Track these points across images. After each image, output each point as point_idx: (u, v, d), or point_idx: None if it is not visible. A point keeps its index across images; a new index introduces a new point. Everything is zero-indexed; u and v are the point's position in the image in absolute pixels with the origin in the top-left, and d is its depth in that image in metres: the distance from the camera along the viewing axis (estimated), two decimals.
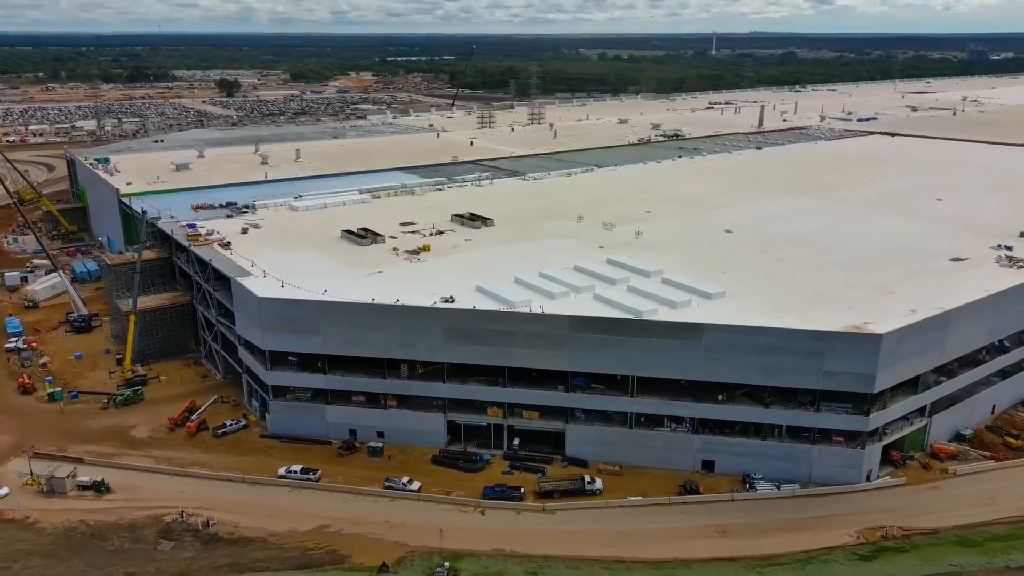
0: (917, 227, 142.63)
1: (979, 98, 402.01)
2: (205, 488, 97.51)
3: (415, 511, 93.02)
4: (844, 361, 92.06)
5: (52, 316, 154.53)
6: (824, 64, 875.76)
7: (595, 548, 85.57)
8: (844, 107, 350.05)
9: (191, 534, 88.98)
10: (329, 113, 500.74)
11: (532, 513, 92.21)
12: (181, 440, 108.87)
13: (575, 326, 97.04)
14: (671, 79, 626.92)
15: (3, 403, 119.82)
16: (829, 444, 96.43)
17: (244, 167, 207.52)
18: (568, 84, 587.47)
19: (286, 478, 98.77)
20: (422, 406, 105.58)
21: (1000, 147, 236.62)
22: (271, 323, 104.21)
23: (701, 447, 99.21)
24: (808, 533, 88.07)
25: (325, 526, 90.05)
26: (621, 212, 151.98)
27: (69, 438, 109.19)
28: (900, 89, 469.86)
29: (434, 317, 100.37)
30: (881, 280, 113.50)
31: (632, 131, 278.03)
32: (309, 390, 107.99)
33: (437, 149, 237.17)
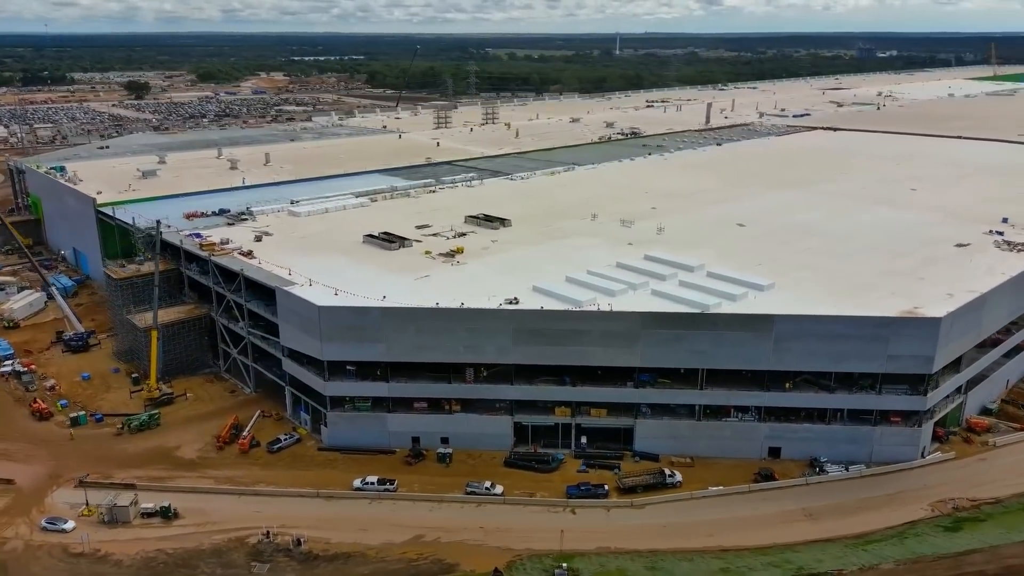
0: (908, 217, 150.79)
1: (892, 93, 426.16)
2: (279, 506, 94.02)
3: (505, 515, 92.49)
4: (906, 345, 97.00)
5: (39, 336, 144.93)
6: (728, 63, 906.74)
7: (696, 539, 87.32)
8: (776, 104, 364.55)
9: (283, 554, 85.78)
10: (255, 115, 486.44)
11: (621, 509, 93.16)
12: (234, 458, 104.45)
13: (647, 322, 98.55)
14: (592, 78, 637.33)
15: (21, 431, 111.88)
16: (888, 425, 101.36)
17: (214, 172, 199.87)
18: (492, 84, 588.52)
19: (363, 490, 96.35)
20: (487, 409, 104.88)
21: (942, 139, 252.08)
22: (331, 332, 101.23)
23: (768, 434, 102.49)
24: (887, 510, 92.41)
25: (420, 536, 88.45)
26: (626, 209, 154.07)
27: (108, 464, 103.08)
28: (816, 86, 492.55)
29: (503, 319, 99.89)
30: (904, 267, 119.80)
31: (588, 130, 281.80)
32: (368, 399, 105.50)
33: (406, 151, 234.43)
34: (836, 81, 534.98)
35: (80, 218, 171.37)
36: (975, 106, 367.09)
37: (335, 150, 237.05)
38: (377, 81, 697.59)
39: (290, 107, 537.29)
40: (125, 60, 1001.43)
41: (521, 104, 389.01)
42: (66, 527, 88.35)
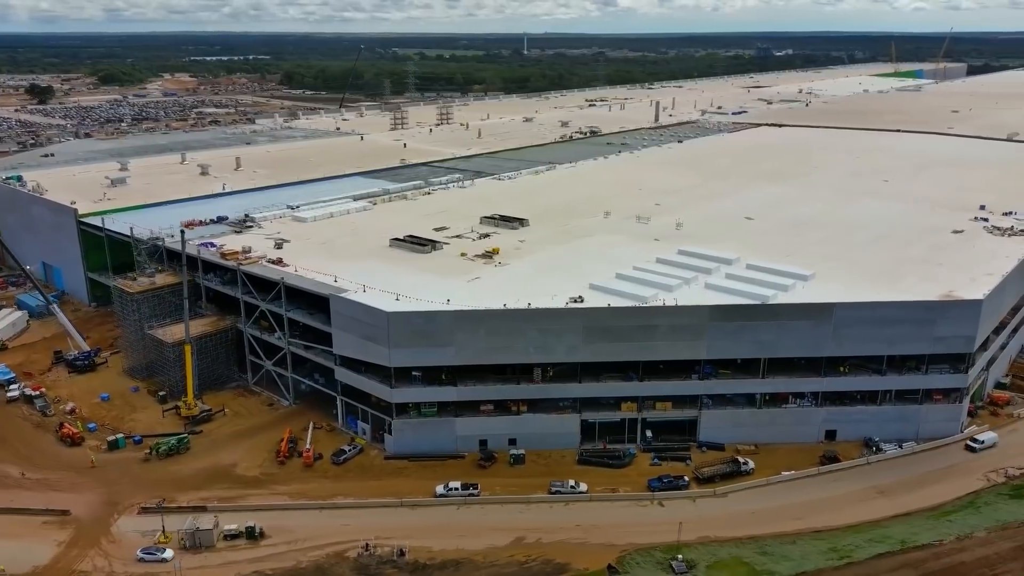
0: (895, 207, 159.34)
1: (812, 90, 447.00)
2: (364, 518, 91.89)
3: (594, 512, 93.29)
4: (951, 326, 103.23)
5: (33, 356, 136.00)
6: (637, 63, 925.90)
7: (787, 523, 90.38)
8: (712, 102, 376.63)
9: (389, 566, 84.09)
10: (174, 118, 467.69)
11: (706, 499, 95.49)
12: (299, 472, 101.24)
13: (714, 315, 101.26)
14: (515, 78, 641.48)
15: (53, 458, 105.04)
16: (932, 402, 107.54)
17: (186, 179, 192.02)
18: (416, 84, 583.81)
19: (447, 496, 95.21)
20: (553, 408, 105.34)
21: (883, 133, 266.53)
22: (401, 338, 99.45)
23: (825, 418, 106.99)
24: (948, 482, 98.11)
25: (521, 538, 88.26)
26: (629, 206, 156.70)
27: (166, 487, 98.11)
28: (737, 84, 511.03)
29: (574, 318, 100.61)
30: (917, 254, 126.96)
31: (544, 129, 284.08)
32: (434, 404, 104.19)
33: (376, 152, 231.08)
34: (752, 79, 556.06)
35: (55, 230, 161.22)
36: (893, 101, 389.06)
37: (302, 153, 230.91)
38: (295, 82, 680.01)
39: (209, 109, 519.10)
40: (9, 62, 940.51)
41: (463, 104, 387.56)
42: (166, 556, 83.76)
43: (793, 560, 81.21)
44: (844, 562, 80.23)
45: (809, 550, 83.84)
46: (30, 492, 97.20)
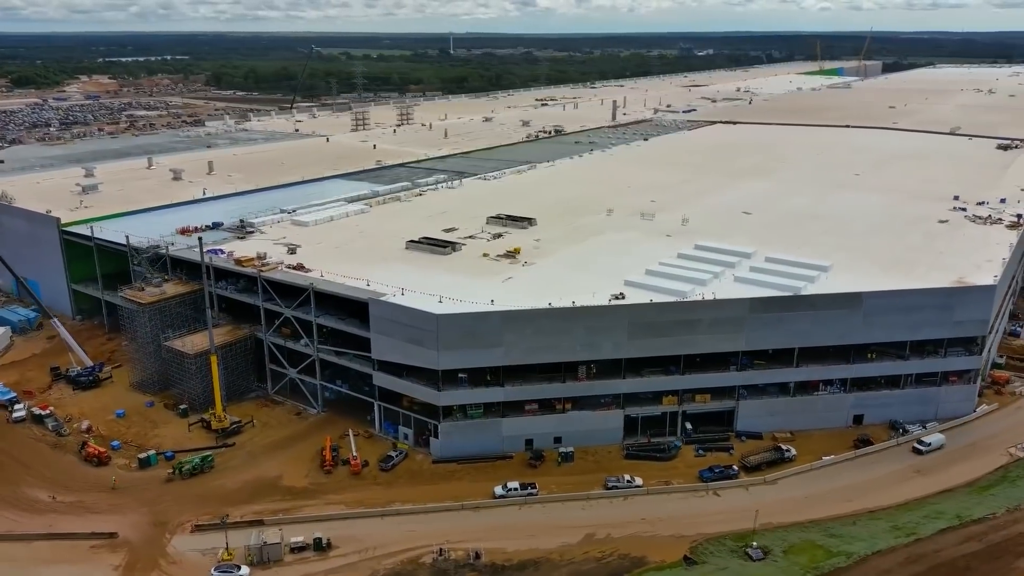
0: (877, 199, 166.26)
1: (750, 88, 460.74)
2: (428, 523, 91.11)
3: (654, 505, 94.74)
4: (968, 310, 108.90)
5: (28, 374, 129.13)
6: (566, 63, 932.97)
7: (839, 505, 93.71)
8: (660, 100, 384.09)
9: (468, 569, 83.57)
10: (106, 122, 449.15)
11: (757, 487, 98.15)
12: (350, 480, 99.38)
13: (754, 307, 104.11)
14: (452, 78, 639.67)
15: (81, 479, 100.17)
16: (949, 384, 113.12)
17: (160, 184, 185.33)
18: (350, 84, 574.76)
19: (507, 496, 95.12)
20: (598, 405, 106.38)
21: (832, 129, 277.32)
22: (449, 341, 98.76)
23: (854, 404, 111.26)
24: (976, 459, 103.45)
25: (591, 534, 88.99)
26: (626, 203, 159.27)
27: (211, 503, 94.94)
28: (675, 83, 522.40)
29: (620, 315, 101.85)
30: (916, 243, 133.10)
31: (508, 128, 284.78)
32: (480, 406, 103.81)
33: (348, 154, 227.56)
34: (689, 79, 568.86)
35: (32, 241, 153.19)
36: (829, 98, 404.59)
37: (271, 155, 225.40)
38: (225, 82, 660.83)
39: (140, 112, 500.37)
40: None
41: (414, 104, 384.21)
42: (243, 573, 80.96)
43: (864, 540, 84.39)
44: (912, 539, 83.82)
45: (873, 530, 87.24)
46: (67, 516, 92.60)
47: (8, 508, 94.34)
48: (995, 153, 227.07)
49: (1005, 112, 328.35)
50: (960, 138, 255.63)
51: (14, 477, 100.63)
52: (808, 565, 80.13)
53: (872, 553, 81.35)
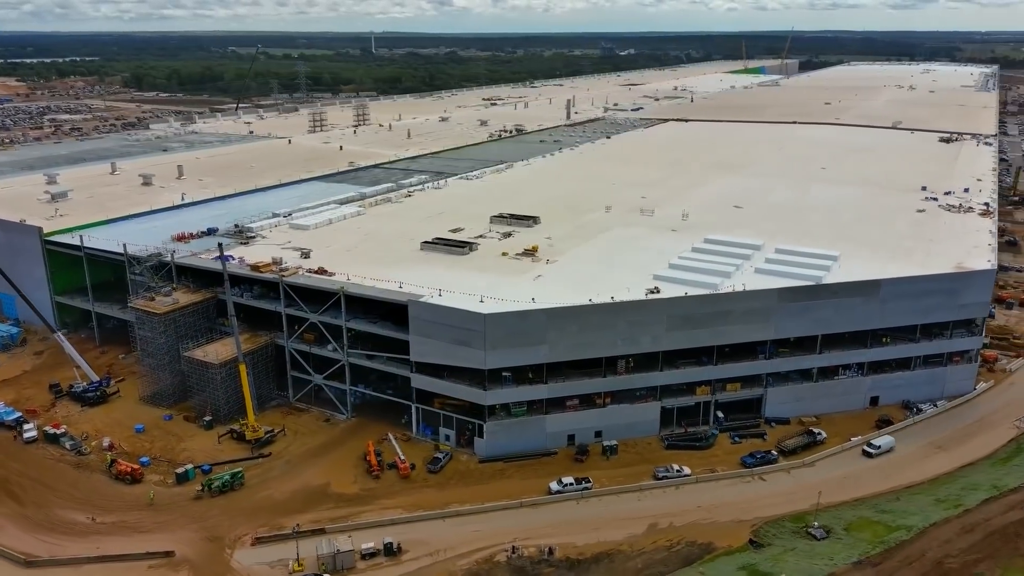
0: (852, 191, 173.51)
1: (686, 87, 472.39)
2: (492, 521, 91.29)
3: (705, 492, 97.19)
4: (971, 294, 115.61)
5: (26, 392, 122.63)
6: (492, 62, 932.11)
7: (878, 483, 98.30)
8: (607, 99, 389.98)
9: (545, 565, 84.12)
10: (30, 126, 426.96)
11: (797, 469, 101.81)
12: (399, 484, 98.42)
13: (782, 297, 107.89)
14: (386, 78, 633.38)
15: (119, 499, 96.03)
16: (954, 364, 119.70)
17: (131, 190, 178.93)
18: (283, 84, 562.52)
19: (563, 492, 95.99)
20: (635, 398, 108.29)
21: (780, 125, 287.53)
22: (496, 340, 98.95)
23: (870, 386, 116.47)
24: (987, 433, 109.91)
25: (655, 524, 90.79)
26: (621, 199, 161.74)
27: (264, 514, 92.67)
28: (613, 82, 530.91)
29: (659, 308, 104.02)
30: (906, 231, 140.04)
31: (468, 128, 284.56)
32: (523, 404, 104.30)
33: (317, 156, 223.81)
34: (625, 78, 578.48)
35: (9, 253, 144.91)
36: (763, 96, 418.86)
37: (237, 159, 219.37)
38: (146, 83, 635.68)
39: (63, 116, 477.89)
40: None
41: (361, 104, 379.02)
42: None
43: (916, 514, 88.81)
44: (961, 510, 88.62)
45: (919, 504, 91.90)
46: (112, 537, 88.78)
47: (45, 532, 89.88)
48: (939, 146, 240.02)
49: (933, 107, 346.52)
50: (902, 132, 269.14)
51: (42, 500, 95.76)
52: (873, 540, 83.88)
53: (929, 525, 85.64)
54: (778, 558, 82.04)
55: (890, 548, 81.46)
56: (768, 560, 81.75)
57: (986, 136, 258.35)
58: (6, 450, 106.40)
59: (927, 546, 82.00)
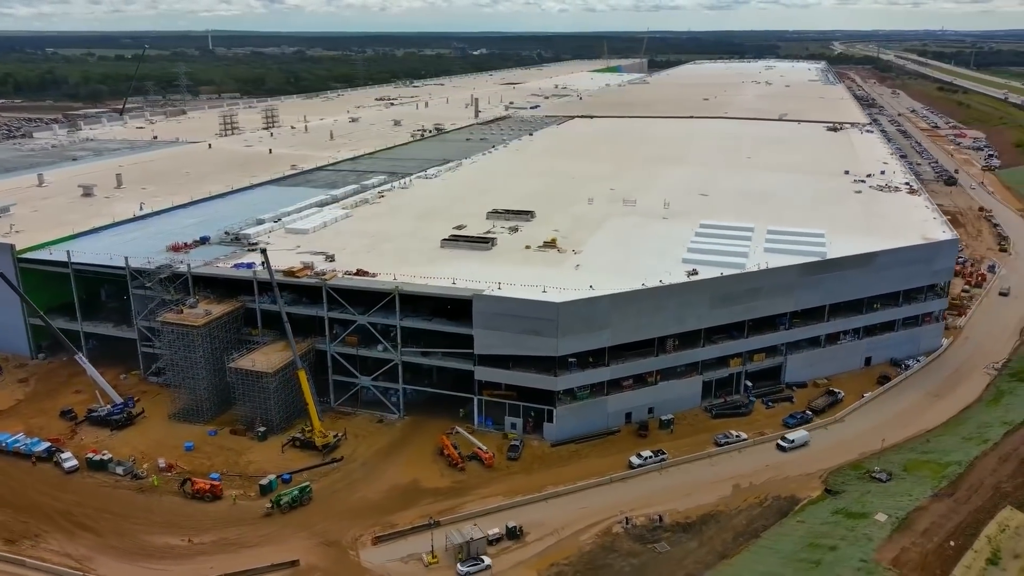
0: (790, 177, 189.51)
1: (565, 85, 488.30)
2: (590, 498, 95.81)
3: (762, 453, 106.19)
4: (942, 262, 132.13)
5: (34, 421, 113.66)
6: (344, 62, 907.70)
7: (904, 429, 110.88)
8: (502, 98, 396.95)
9: (660, 531, 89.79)
10: None
11: (832, 426, 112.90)
12: (488, 473, 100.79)
13: (801, 272, 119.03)
14: (249, 78, 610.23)
15: (205, 517, 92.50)
16: (926, 324, 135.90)
17: (73, 201, 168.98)
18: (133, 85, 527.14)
19: (644, 464, 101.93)
20: (680, 374, 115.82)
21: (679, 120, 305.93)
22: (567, 327, 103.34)
23: (866, 348, 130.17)
24: (969, 380, 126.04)
25: (737, 485, 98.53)
26: (595, 192, 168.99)
27: (367, 516, 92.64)
28: (495, 81, 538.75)
29: (703, 288, 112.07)
30: (858, 210, 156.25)
31: (383, 128, 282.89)
32: (587, 387, 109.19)
33: (249, 160, 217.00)
34: (493, 77, 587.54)
35: None
36: (643, 92, 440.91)
37: (166, 166, 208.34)
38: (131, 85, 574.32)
39: None
40: None
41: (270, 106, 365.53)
42: (487, 562, 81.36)
43: (955, 451, 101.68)
44: (990, 444, 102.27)
45: (951, 443, 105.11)
46: (220, 556, 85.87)
47: (144, 559, 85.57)
48: (830, 134, 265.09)
49: (799, 100, 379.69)
50: (790, 123, 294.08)
51: (119, 528, 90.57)
52: (935, 475, 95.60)
53: (973, 459, 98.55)
54: (861, 500, 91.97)
55: (953, 481, 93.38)
56: (855, 503, 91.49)
57: (864, 125, 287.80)
58: (50, 482, 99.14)
59: (981, 475, 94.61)
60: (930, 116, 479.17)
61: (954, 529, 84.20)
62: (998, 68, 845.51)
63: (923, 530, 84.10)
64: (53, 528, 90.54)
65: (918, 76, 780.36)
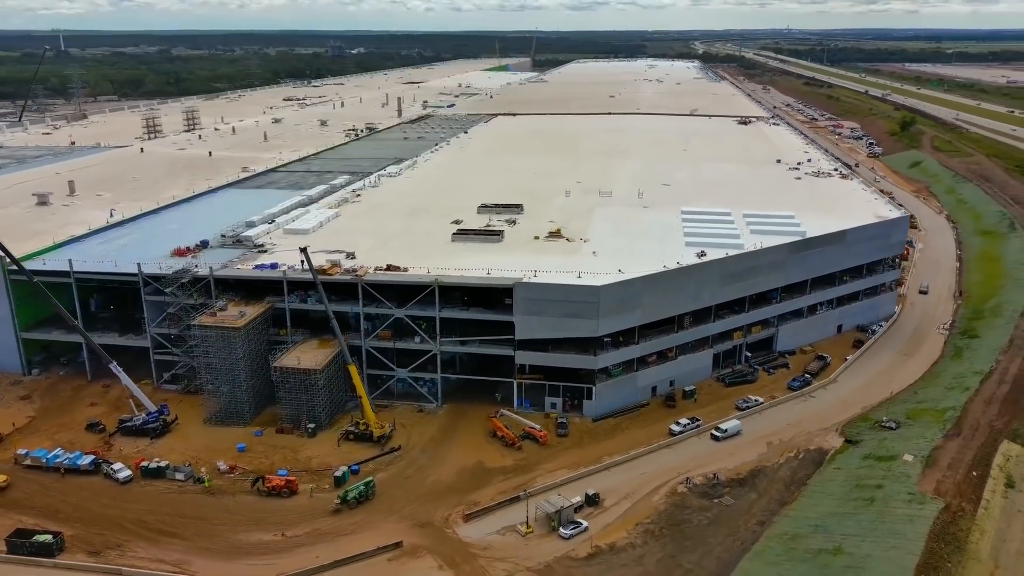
0: (732, 167, 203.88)
1: (470, 84, 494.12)
2: (645, 465, 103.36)
3: (782, 413, 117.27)
4: (895, 236, 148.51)
5: (59, 436, 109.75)
6: (216, 61, 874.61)
7: (889, 384, 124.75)
8: (414, 98, 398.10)
9: (720, 487, 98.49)
10: None
11: (829, 386, 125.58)
12: (543, 451, 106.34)
13: (791, 250, 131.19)
14: (127, 80, 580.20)
15: (289, 512, 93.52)
16: (883, 293, 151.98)
17: (29, 211, 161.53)
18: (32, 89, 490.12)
19: (684, 431, 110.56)
20: (694, 348, 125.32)
21: (595, 116, 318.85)
22: (607, 309, 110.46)
23: (838, 317, 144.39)
24: (928, 341, 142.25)
25: (770, 442, 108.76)
26: (563, 185, 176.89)
27: (446, 495, 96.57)
28: (392, 80, 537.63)
29: (715, 268, 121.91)
30: (807, 194, 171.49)
31: (311, 129, 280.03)
32: (620, 364, 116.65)
33: (193, 163, 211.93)
34: (388, 77, 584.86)
35: None
36: (546, 91, 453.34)
37: (110, 172, 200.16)
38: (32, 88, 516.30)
39: None
40: None
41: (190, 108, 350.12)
42: (584, 524, 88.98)
43: (946, 398, 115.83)
44: (972, 391, 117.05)
45: (939, 393, 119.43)
46: (320, 545, 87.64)
47: (244, 556, 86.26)
48: (742, 127, 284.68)
49: (694, 96, 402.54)
50: (701, 117, 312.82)
51: (205, 530, 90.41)
52: (937, 420, 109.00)
53: (964, 404, 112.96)
54: (883, 446, 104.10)
55: (955, 423, 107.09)
56: (879, 448, 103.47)
57: (769, 118, 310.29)
58: (109, 494, 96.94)
59: (975, 417, 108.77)
60: (805, 110, 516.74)
61: (971, 462, 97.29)
62: (848, 64, 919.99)
63: (948, 464, 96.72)
64: (132, 537, 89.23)
65: (781, 73, 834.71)
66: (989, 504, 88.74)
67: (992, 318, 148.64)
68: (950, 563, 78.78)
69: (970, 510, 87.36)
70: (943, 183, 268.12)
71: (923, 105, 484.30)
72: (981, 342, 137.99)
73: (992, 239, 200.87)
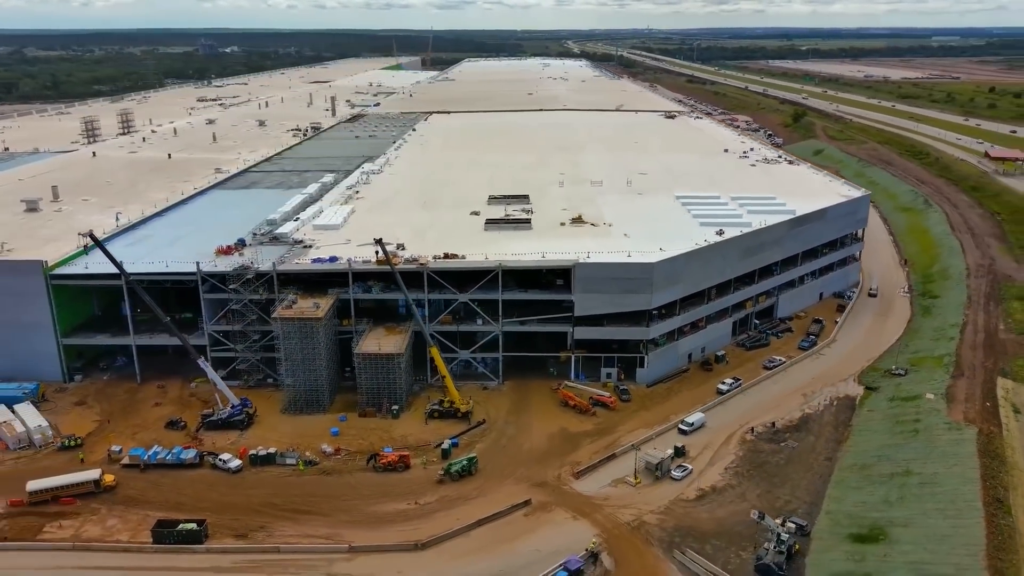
0: (689, 156, 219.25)
1: (380, 83, 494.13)
2: (709, 420, 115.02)
3: (803, 369, 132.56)
4: (860, 212, 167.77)
5: (140, 437, 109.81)
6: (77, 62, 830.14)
7: (881, 343, 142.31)
8: (326, 97, 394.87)
9: (781, 433, 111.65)
10: None
11: (828, 348, 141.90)
12: (615, 415, 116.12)
13: (789, 227, 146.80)
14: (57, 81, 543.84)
15: (410, 484, 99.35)
16: (851, 263, 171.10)
17: (18, 217, 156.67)
18: None
19: (731, 389, 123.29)
20: (717, 317, 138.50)
21: (530, 112, 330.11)
22: (659, 283, 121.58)
23: (820, 286, 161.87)
24: (894, 304, 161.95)
25: (805, 393, 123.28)
26: (542, 177, 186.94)
27: (547, 459, 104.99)
28: (294, 77, 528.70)
29: (736, 244, 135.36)
30: (764, 180, 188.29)
31: (251, 129, 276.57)
32: (665, 335, 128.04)
33: (159, 167, 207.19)
34: (286, 76, 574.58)
35: None
36: (459, 89, 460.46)
37: (78, 175, 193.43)
38: None
39: None
40: None
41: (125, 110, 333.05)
42: (689, 466, 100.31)
43: (937, 348, 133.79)
44: (956, 340, 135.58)
45: (927, 344, 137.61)
46: (453, 510, 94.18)
47: (388, 524, 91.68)
48: (668, 121, 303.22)
49: (606, 93, 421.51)
50: (628, 112, 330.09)
51: (338, 507, 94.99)
52: (939, 364, 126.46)
53: (955, 350, 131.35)
54: (903, 389, 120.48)
55: (955, 364, 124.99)
56: (899, 391, 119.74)
57: (692, 112, 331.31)
58: (225, 483, 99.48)
59: (967, 359, 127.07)
60: (698, 105, 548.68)
61: (981, 395, 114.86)
62: (716, 62, 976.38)
63: (964, 399, 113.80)
64: (271, 519, 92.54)
65: (660, 71, 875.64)
66: (1008, 427, 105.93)
67: (942, 280, 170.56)
68: (1000, 472, 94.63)
69: (997, 432, 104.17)
70: (851, 168, 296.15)
71: (800, 98, 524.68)
72: (943, 301, 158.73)
73: (913, 215, 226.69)
